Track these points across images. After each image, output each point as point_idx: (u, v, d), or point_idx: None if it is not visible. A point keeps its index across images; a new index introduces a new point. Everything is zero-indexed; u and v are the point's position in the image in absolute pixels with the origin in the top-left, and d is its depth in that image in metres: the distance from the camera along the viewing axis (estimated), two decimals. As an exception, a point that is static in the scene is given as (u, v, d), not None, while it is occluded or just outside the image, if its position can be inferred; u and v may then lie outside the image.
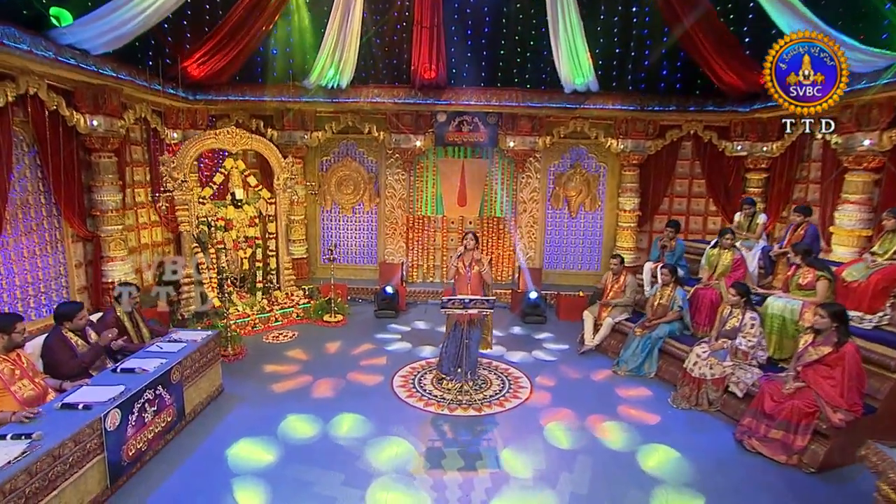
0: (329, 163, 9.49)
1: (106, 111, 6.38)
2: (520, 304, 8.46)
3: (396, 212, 9.49)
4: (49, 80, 5.70)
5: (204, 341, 5.08)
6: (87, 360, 4.29)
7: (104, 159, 6.60)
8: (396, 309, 8.35)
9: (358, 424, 4.81)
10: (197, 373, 4.93)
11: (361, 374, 6.02)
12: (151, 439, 4.17)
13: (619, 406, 5.35)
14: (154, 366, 4.39)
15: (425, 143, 8.95)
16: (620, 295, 7.03)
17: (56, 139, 5.91)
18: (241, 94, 8.29)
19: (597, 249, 9.74)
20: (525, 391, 5.68)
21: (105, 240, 6.70)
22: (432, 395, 5.49)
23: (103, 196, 6.63)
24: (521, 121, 8.79)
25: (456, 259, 5.58)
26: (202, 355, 5.02)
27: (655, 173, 9.16)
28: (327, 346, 6.89)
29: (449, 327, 5.74)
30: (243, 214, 7.67)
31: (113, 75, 6.29)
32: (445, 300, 5.08)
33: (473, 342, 5.62)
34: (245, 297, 7.84)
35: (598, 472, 4.14)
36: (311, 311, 7.94)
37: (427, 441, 4.57)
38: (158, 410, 4.26)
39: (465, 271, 5.57)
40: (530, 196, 9.51)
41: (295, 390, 5.53)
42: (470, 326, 5.52)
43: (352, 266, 9.74)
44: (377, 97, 8.46)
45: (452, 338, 5.68)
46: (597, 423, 4.93)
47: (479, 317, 5.56)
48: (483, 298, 5.13)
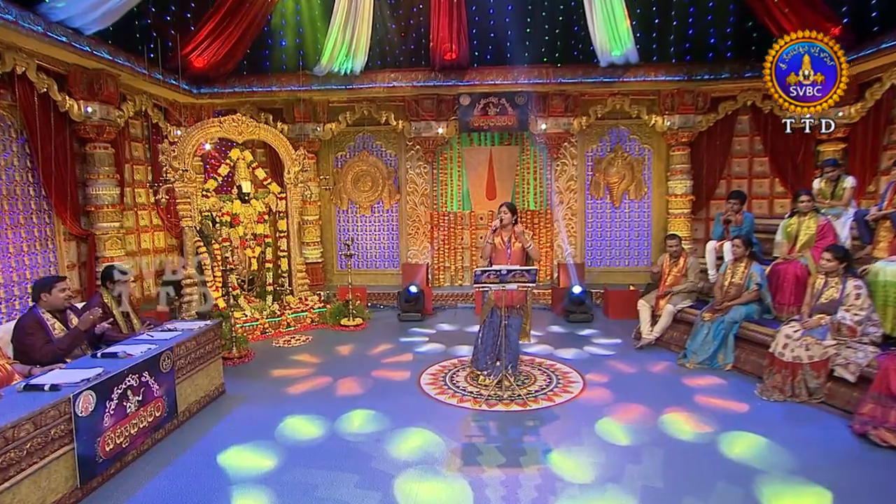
0: (344, 158, 9.23)
1: (102, 98, 6.27)
2: (561, 302, 7.82)
3: (419, 209, 9.10)
4: (40, 61, 5.60)
5: (202, 330, 4.67)
6: (64, 346, 3.89)
7: (100, 150, 6.45)
8: (422, 312, 7.85)
9: (383, 423, 4.24)
10: (193, 365, 4.48)
11: (385, 372, 5.56)
12: (135, 435, 3.70)
13: (689, 397, 4.72)
14: (141, 351, 3.96)
15: (448, 131, 8.61)
16: (681, 280, 6.36)
17: (47, 126, 5.76)
18: (248, 86, 8.16)
19: (645, 242, 9.09)
20: (576, 386, 5.04)
21: (100, 238, 6.48)
22: (467, 392, 4.89)
23: (98, 190, 6.45)
24: (554, 100, 8.38)
25: (491, 235, 5.07)
26: (199, 345, 4.59)
27: (709, 152, 8.54)
28: (344, 349, 6.43)
29: (484, 314, 5.19)
30: (251, 210, 7.38)
31: (109, 58, 6.18)
32: (479, 272, 4.55)
33: (514, 330, 5.06)
34: (254, 301, 7.46)
35: (670, 464, 3.53)
36: (328, 316, 7.49)
37: (462, 438, 3.98)
38: (144, 401, 3.80)
39: (503, 248, 5.04)
40: (567, 185, 9.00)
41: (308, 392, 5.05)
42: (510, 311, 4.97)
43: (372, 271, 9.33)
44: (394, 81, 8.20)
45: (489, 326, 5.12)
46: (662, 416, 4.32)
47: (520, 299, 5.00)
48: (523, 269, 4.58)
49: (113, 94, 6.39)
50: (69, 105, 5.93)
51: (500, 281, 4.58)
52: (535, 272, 4.60)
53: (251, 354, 6.11)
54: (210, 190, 7.01)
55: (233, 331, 5.99)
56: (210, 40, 7.15)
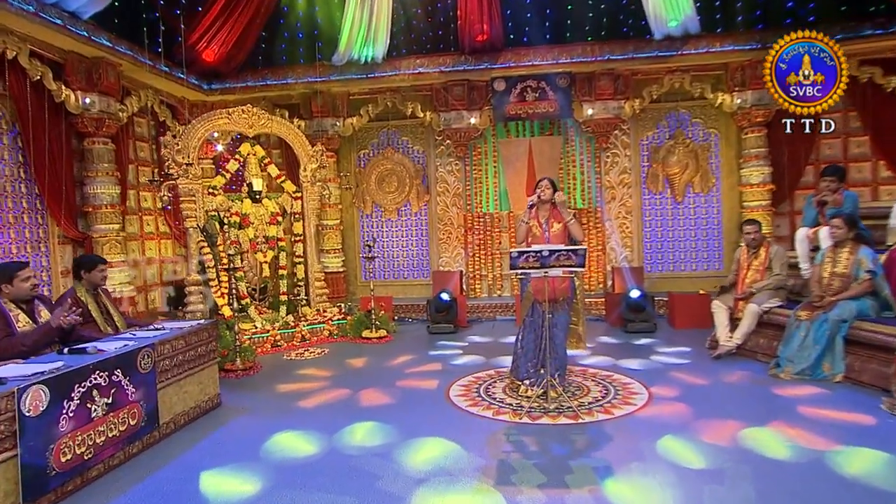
0: (367, 157, 8.97)
1: (101, 88, 6.21)
2: (617, 309, 7.14)
3: (451, 211, 8.69)
4: (33, 45, 5.56)
5: (193, 329, 4.31)
6: (29, 343, 3.58)
7: (98, 145, 6.37)
8: (455, 323, 7.33)
9: (397, 436, 3.71)
10: (180, 369, 4.10)
11: (410, 382, 5.13)
12: (102, 446, 3.30)
13: (784, 410, 4.01)
14: (115, 347, 3.61)
15: (482, 121, 8.23)
16: (764, 274, 5.60)
17: (41, 118, 5.71)
18: (262, 79, 8.06)
19: (716, 242, 8.31)
20: (640, 398, 4.37)
21: (97, 241, 6.33)
22: (505, 404, 4.31)
23: (96, 189, 6.34)
24: (601, 81, 7.89)
25: (527, 214, 4.55)
26: (189, 345, 4.21)
27: (790, 134, 7.73)
28: (362, 361, 6.00)
29: (524, 312, 4.63)
30: (262, 210, 7.16)
31: (109, 45, 6.13)
32: (516, 254, 4.02)
33: (560, 329, 4.49)
34: (266, 311, 7.14)
35: (764, 488, 2.88)
36: (348, 328, 7.08)
37: (495, 453, 3.39)
38: (115, 406, 3.42)
39: (541, 231, 4.51)
40: (619, 179, 8.41)
41: (316, 406, 4.58)
42: (554, 307, 4.40)
43: (399, 281, 8.92)
44: (419, 68, 7.93)
45: (530, 326, 4.57)
46: (747, 432, 3.63)
47: (565, 291, 4.43)
48: (570, 248, 4.01)
49: (113, 86, 6.33)
50: (65, 95, 5.87)
51: (542, 265, 4.03)
52: (583, 253, 4.03)
53: (257, 367, 5.76)
54: (217, 187, 6.81)
55: (237, 340, 5.63)
56: (218, 25, 7.07)
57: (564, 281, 4.44)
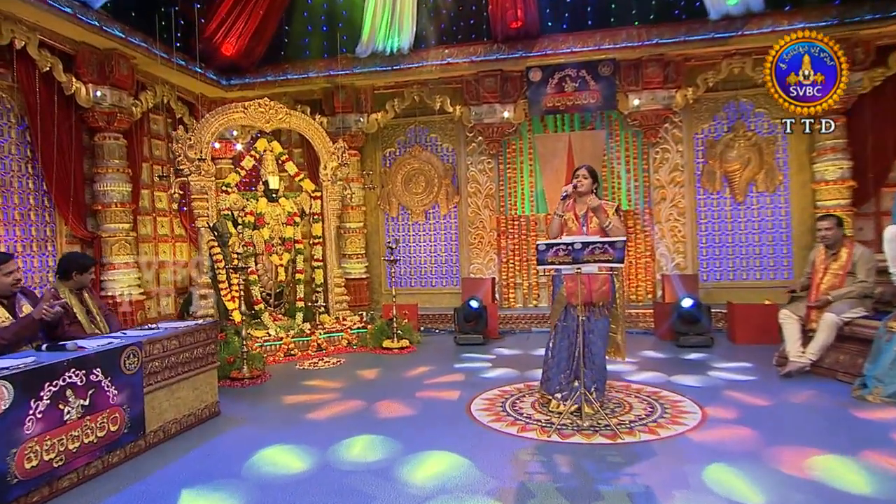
0: (393, 155, 8.83)
1: (113, 81, 6.27)
2: (668, 321, 6.65)
3: (483, 213, 8.42)
4: (43, 36, 5.64)
5: (189, 329, 4.14)
6: (8, 336, 3.46)
7: (109, 141, 6.42)
8: (485, 334, 7.00)
9: (405, 454, 3.41)
10: (173, 371, 3.93)
11: (428, 393, 4.87)
12: (75, 452, 3.12)
13: (872, 439, 3.48)
14: (98, 345, 3.46)
15: (516, 115, 7.98)
16: (845, 280, 5.03)
17: (50, 111, 5.77)
18: (282, 73, 8.06)
19: (783, 248, 7.72)
20: (691, 418, 3.92)
21: (106, 240, 6.35)
22: (532, 420, 3.95)
23: (106, 186, 6.37)
24: (649, 68, 7.51)
25: (561, 207, 4.21)
26: (183, 346, 4.05)
27: (875, 122, 7.13)
28: (379, 372, 5.72)
29: (555, 317, 4.27)
30: (279, 210, 7.06)
31: (121, 36, 6.19)
32: (543, 246, 3.70)
33: (597, 336, 4.12)
34: (281, 318, 6.99)
35: None
36: (368, 337, 6.84)
37: (518, 475, 3.04)
38: (93, 409, 3.24)
39: (578, 225, 4.17)
40: (670, 177, 7.96)
41: (321, 418, 4.37)
42: (591, 311, 4.08)
43: (426, 290, 8.70)
44: (448, 58, 7.77)
45: (563, 333, 4.21)
46: (823, 463, 3.15)
47: (603, 293, 4.06)
48: (607, 240, 3.65)
49: (126, 79, 6.38)
50: (76, 87, 5.93)
51: (574, 260, 3.68)
52: (622, 246, 3.65)
53: (266, 375, 5.58)
54: (231, 185, 6.74)
55: (244, 346, 5.47)
56: (235, 15, 7.09)
57: (603, 282, 4.07)
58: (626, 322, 7.51)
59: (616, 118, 8.06)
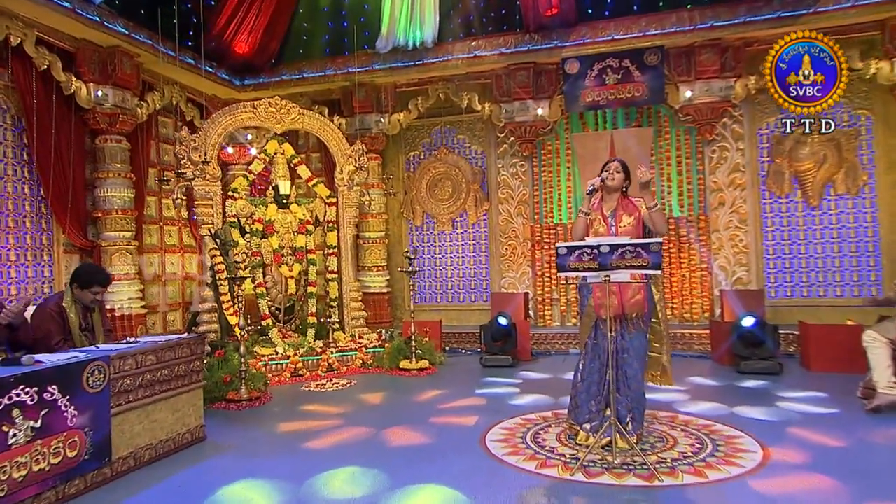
0: (418, 159, 8.64)
1: (116, 81, 6.27)
2: (725, 343, 6.10)
3: (515, 221, 8.11)
4: (41, 32, 5.66)
5: (169, 343, 3.94)
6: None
7: (111, 143, 6.40)
8: (515, 355, 6.62)
9: (395, 491, 3.07)
10: (147, 391, 3.72)
11: (442, 419, 4.57)
12: (21, 483, 2.91)
13: None
14: (59, 359, 3.27)
15: (551, 112, 7.69)
16: (943, 294, 4.43)
17: (48, 112, 5.77)
18: (298, 72, 7.99)
19: (870, 259, 7.06)
20: (749, 458, 3.43)
21: (105, 250, 6.31)
22: (555, 454, 3.54)
23: (107, 191, 6.35)
24: (703, 55, 7.10)
25: (587, 204, 3.83)
26: (161, 363, 3.84)
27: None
28: (386, 396, 5.47)
29: (585, 334, 3.89)
30: (290, 217, 6.93)
31: (125, 33, 6.17)
32: (564, 249, 3.33)
33: (633, 357, 3.71)
34: (291, 335, 6.79)
35: None
36: (384, 357, 6.56)
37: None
38: (46, 431, 3.03)
39: (606, 226, 3.78)
40: (730, 179, 7.45)
41: (317, 446, 4.09)
42: (624, 327, 3.70)
43: (452, 306, 8.44)
44: (476, 51, 7.56)
45: (593, 352, 3.83)
46: None
47: (638, 303, 3.66)
48: (638, 243, 3.25)
49: (130, 78, 6.38)
50: (75, 87, 5.95)
51: (601, 266, 3.29)
52: (658, 248, 3.24)
53: (267, 397, 5.38)
54: (239, 190, 6.62)
55: (243, 364, 5.26)
56: (246, 6, 7.03)
57: (637, 290, 3.66)
58: (678, 343, 7.06)
59: (665, 113, 7.66)
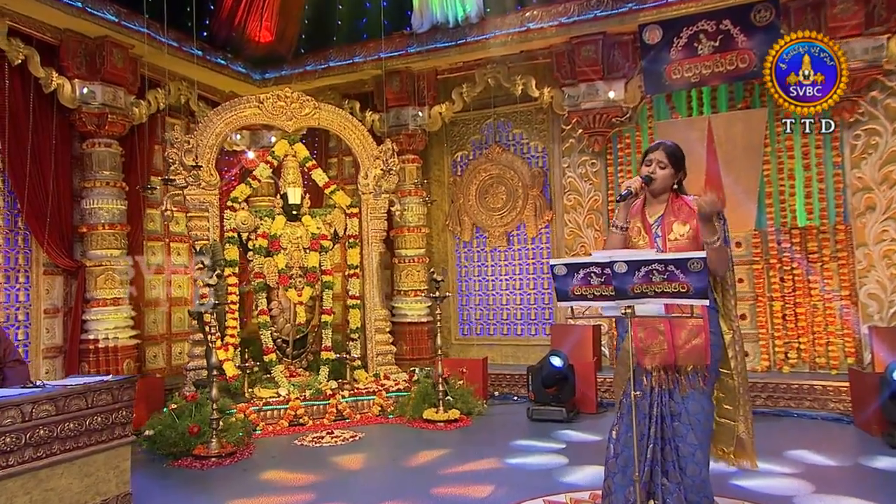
0: (466, 160, 8.18)
1: (105, 76, 6.19)
2: (872, 401, 4.98)
3: (586, 233, 7.42)
4: (14, 22, 5.63)
5: (78, 387, 3.56)
6: None
7: (100, 148, 6.31)
8: (573, 405, 5.88)
9: None
10: (42, 450, 3.31)
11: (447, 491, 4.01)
12: None
13: None
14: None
15: (628, 96, 6.98)
16: None
17: (24, 113, 5.76)
18: (324, 61, 7.79)
19: None
20: None
21: (91, 271, 6.21)
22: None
23: (93, 203, 6.25)
24: (836, 7, 6.16)
25: (622, 214, 3.05)
26: (64, 413, 3.42)
27: None
28: (396, 457, 4.98)
29: (620, 387, 3.23)
30: (300, 230, 6.61)
31: (113, 20, 6.09)
32: (561, 267, 2.60)
33: (690, 426, 2.94)
34: (299, 374, 6.43)
35: None
36: (407, 404, 6.02)
37: None
38: None
39: (649, 239, 3.04)
40: (881, 174, 6.39)
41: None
42: (675, 381, 2.97)
43: (507, 340, 7.90)
44: (529, 23, 6.99)
45: (629, 415, 3.02)
46: None
47: (699, 349, 2.90)
48: (670, 258, 2.44)
49: (122, 73, 6.33)
50: (57, 84, 5.91)
51: (618, 292, 2.51)
52: (699, 268, 2.41)
53: (244, 453, 5.04)
54: (240, 200, 6.38)
55: (214, 411, 4.88)
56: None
57: (695, 332, 2.87)
58: (806, 399, 6.02)
59: (782, 90, 6.63)
